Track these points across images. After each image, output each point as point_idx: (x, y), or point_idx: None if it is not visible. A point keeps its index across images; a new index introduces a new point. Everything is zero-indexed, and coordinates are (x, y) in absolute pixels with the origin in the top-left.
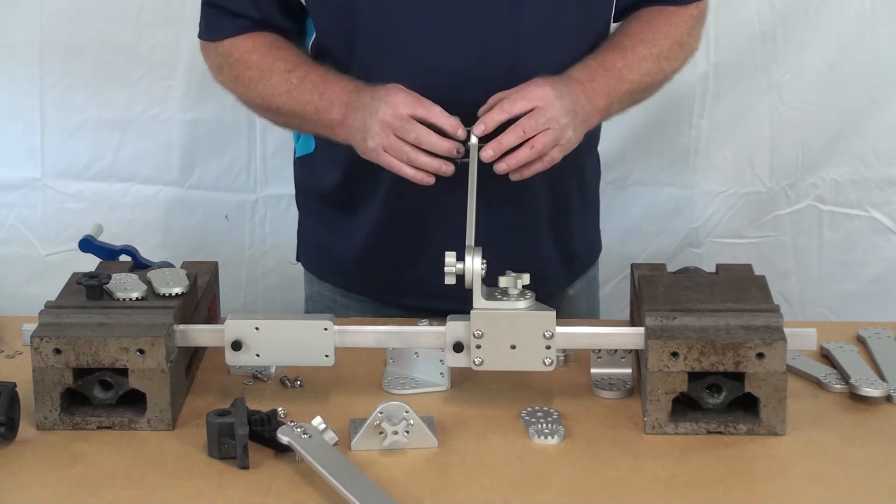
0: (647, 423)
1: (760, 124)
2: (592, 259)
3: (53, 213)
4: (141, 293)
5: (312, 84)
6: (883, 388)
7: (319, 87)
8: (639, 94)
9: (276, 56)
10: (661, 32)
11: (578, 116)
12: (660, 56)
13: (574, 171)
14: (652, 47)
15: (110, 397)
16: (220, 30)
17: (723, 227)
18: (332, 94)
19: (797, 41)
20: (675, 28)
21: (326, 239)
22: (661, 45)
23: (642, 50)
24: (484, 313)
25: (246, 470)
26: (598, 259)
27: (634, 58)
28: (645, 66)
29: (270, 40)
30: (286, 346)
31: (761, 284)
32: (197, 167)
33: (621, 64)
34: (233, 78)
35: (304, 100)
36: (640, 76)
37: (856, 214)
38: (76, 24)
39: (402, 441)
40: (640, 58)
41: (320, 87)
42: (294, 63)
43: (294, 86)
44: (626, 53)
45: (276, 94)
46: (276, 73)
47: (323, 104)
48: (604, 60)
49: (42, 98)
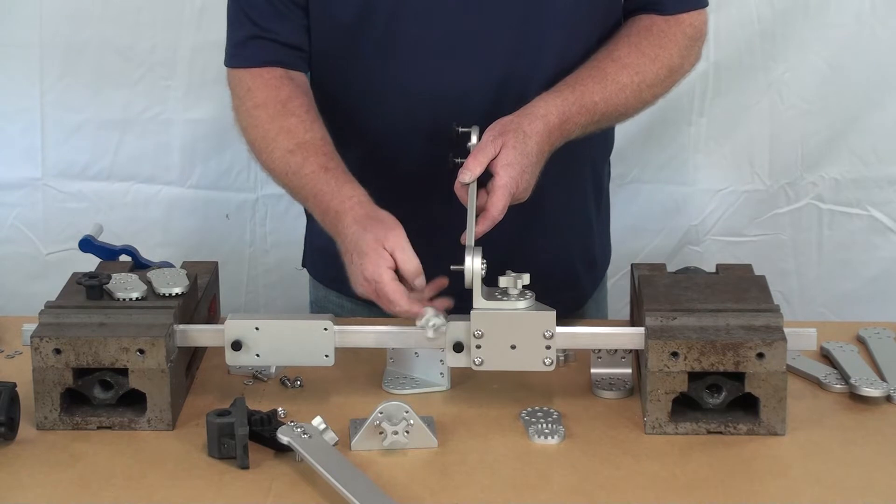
0: (647, 423)
1: (760, 123)
2: (606, 263)
3: (54, 213)
4: (141, 293)
5: (307, 179)
6: (883, 388)
7: (313, 187)
8: (607, 122)
9: (282, 126)
10: (647, 57)
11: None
12: (642, 84)
13: (593, 178)
14: (635, 75)
15: (110, 397)
16: (239, 57)
17: (722, 225)
18: (322, 204)
19: (797, 40)
20: (665, 51)
21: (333, 246)
22: (646, 73)
23: (624, 77)
24: (484, 313)
25: (246, 470)
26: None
27: (614, 87)
28: (623, 95)
29: (285, 95)
30: (286, 346)
31: (761, 284)
32: (197, 167)
33: (599, 98)
34: (242, 129)
35: (301, 192)
36: (614, 107)
37: (855, 213)
38: (76, 24)
39: (401, 441)
40: (620, 87)
41: (313, 187)
42: (296, 140)
43: (293, 171)
44: (607, 83)
45: (276, 172)
46: (279, 149)
47: (318, 210)
48: (582, 93)
49: (42, 98)
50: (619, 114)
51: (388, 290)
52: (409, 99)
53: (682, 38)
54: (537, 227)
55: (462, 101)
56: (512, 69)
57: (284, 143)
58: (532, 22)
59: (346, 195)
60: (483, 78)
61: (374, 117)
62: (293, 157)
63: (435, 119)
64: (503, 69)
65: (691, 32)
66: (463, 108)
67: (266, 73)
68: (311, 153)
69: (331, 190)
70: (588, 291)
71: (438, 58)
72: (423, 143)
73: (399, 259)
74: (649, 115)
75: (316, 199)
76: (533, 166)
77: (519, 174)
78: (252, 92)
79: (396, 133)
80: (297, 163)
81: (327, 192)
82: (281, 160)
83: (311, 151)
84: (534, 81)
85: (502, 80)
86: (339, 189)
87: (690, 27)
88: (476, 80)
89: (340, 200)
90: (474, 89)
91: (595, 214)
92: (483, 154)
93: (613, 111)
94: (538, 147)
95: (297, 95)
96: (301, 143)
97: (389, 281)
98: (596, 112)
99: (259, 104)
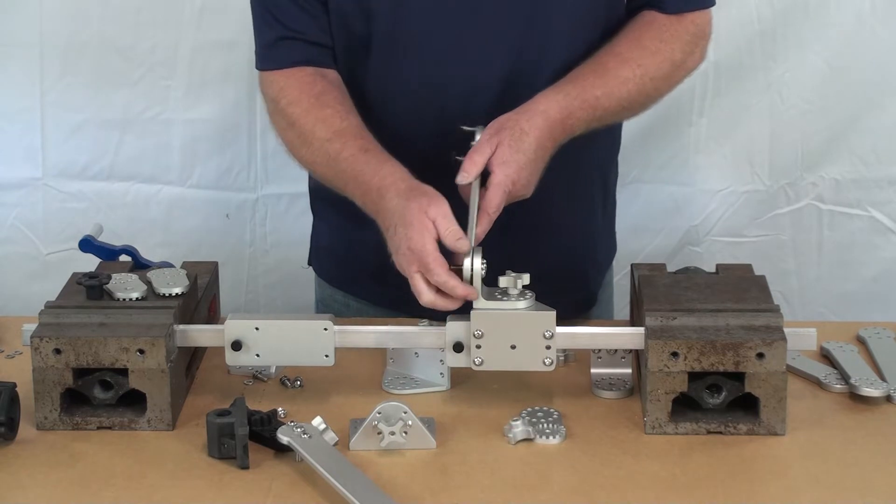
0: (647, 423)
1: (760, 123)
2: (610, 260)
3: (54, 213)
4: (141, 293)
5: (346, 163)
6: (883, 388)
7: (352, 170)
8: (611, 118)
9: (317, 116)
10: (648, 50)
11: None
12: (644, 77)
13: (601, 182)
14: (637, 68)
15: (110, 397)
16: (270, 59)
17: (722, 225)
18: (364, 185)
19: (797, 40)
20: (666, 45)
21: (339, 246)
22: (648, 66)
23: (625, 72)
24: (484, 313)
25: (246, 470)
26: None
27: (615, 82)
28: (625, 89)
29: (318, 90)
30: (286, 346)
31: (761, 284)
32: (197, 167)
33: (600, 92)
34: (279, 131)
35: (340, 178)
36: (617, 102)
37: (856, 214)
38: (76, 24)
39: (399, 441)
40: (622, 81)
41: (353, 169)
42: (333, 129)
43: (331, 158)
44: (608, 78)
45: (316, 164)
46: (317, 139)
47: (358, 192)
48: (583, 88)
49: (42, 98)
50: (623, 109)
51: (431, 260)
52: (416, 97)
53: (684, 34)
54: (544, 230)
55: (468, 98)
56: (517, 65)
57: (322, 134)
58: (536, 18)
59: (388, 172)
60: (488, 74)
61: (383, 115)
62: (332, 145)
63: (442, 117)
64: (508, 65)
65: (694, 30)
66: (469, 105)
67: (298, 72)
68: (349, 139)
69: (371, 169)
70: (595, 289)
71: (443, 56)
72: (431, 140)
73: (440, 226)
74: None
75: (357, 181)
76: (531, 163)
77: (516, 172)
78: (285, 90)
79: (404, 131)
80: (336, 149)
81: (368, 172)
82: (320, 150)
83: (349, 137)
84: (539, 77)
85: (508, 77)
86: (379, 167)
87: (693, 24)
88: (481, 76)
89: (382, 177)
90: (480, 86)
91: (601, 213)
92: (479, 154)
93: (617, 106)
94: (537, 143)
95: (330, 89)
96: (338, 131)
97: (433, 251)
98: (598, 107)
99: (293, 101)
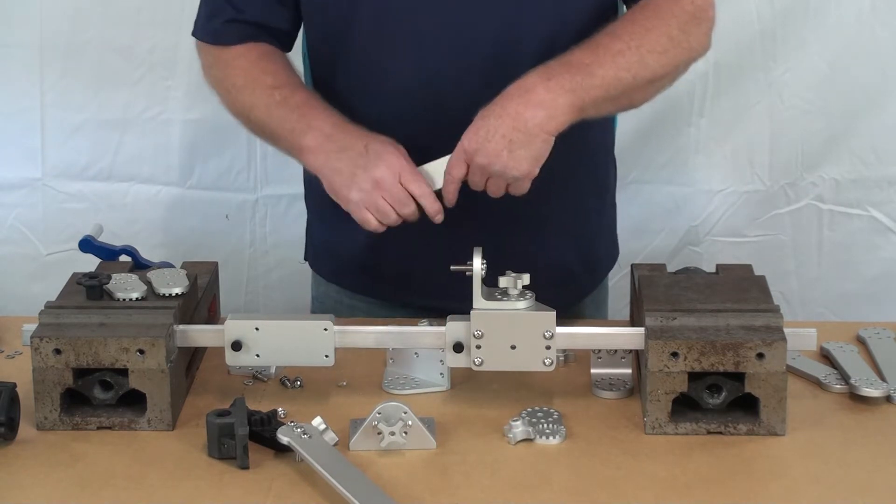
0: (647, 423)
1: (760, 123)
2: (611, 264)
3: (54, 213)
4: (141, 293)
5: (295, 104)
6: (883, 388)
7: (300, 109)
8: (619, 91)
9: (265, 69)
10: (642, 26)
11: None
12: (641, 48)
13: (588, 173)
14: (630, 40)
15: (110, 397)
16: (219, 34)
17: (722, 225)
18: (311, 120)
19: (797, 40)
20: (662, 21)
21: (333, 239)
22: (643, 38)
23: (617, 45)
24: (484, 313)
25: (246, 470)
26: (615, 263)
27: (606, 53)
28: (622, 60)
29: (264, 51)
30: (286, 346)
31: (761, 284)
32: (197, 167)
33: (589, 60)
34: (218, 80)
35: (281, 118)
36: (614, 70)
37: (856, 214)
38: (76, 24)
39: (399, 442)
40: (614, 53)
41: (301, 108)
42: (281, 81)
43: (276, 102)
44: (598, 51)
45: (255, 107)
46: (261, 86)
47: (299, 126)
48: (568, 60)
49: (42, 98)
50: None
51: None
52: (399, 89)
53: (679, 12)
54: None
55: (451, 88)
56: (499, 54)
57: (268, 81)
58: (518, 5)
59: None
60: (469, 65)
61: (367, 109)
62: (277, 92)
63: (425, 108)
64: (489, 55)
65: (692, 9)
66: (452, 96)
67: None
68: (296, 89)
69: (325, 113)
70: (585, 290)
71: (424, 47)
72: (415, 132)
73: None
74: (650, 116)
75: (302, 118)
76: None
77: (473, 131)
78: (230, 49)
79: (389, 123)
80: (283, 94)
81: (321, 112)
82: (263, 94)
83: (296, 88)
84: (522, 66)
85: (489, 67)
86: (334, 112)
87: (690, 4)
88: (462, 67)
89: (337, 118)
90: (461, 77)
91: (595, 210)
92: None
93: (613, 74)
94: (501, 99)
95: (275, 51)
96: (286, 81)
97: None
98: (592, 74)
99: (237, 55)
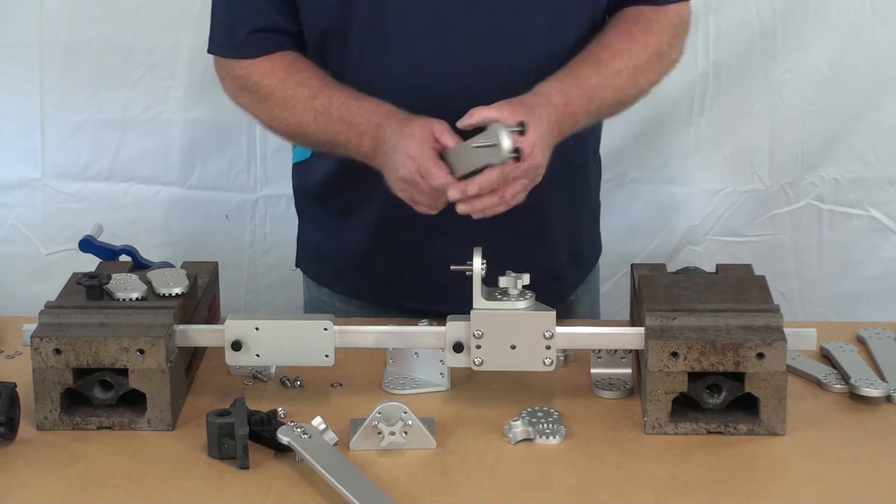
0: (647, 423)
1: (760, 123)
2: (594, 260)
3: (54, 213)
4: (141, 293)
5: (338, 112)
6: (883, 388)
7: (346, 116)
8: (608, 110)
9: (297, 80)
10: (639, 43)
11: (551, 148)
12: (636, 69)
13: (578, 173)
14: (628, 60)
15: (110, 397)
16: (242, 47)
17: (722, 225)
18: (359, 126)
19: (797, 40)
20: (655, 37)
21: (325, 244)
22: (639, 58)
23: (618, 63)
24: (484, 313)
25: (246, 470)
26: (598, 259)
27: (609, 73)
28: (619, 81)
29: (289, 61)
30: (286, 346)
31: (761, 284)
32: (197, 167)
33: (595, 81)
34: (254, 103)
35: (332, 129)
36: (612, 93)
37: (855, 214)
38: (76, 24)
39: (399, 442)
40: (615, 72)
41: (346, 115)
42: (316, 88)
43: (320, 113)
44: (601, 68)
45: (303, 123)
46: (300, 100)
47: (353, 135)
48: (578, 77)
49: (42, 98)
50: (617, 101)
51: (430, 165)
52: (397, 90)
53: (668, 26)
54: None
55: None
56: (498, 55)
57: (305, 93)
58: (517, 6)
59: (385, 109)
60: (469, 65)
61: None
62: (318, 101)
63: (421, 110)
64: (489, 56)
65: (677, 21)
66: (451, 97)
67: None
68: (334, 91)
69: (366, 110)
70: (572, 286)
71: (423, 48)
72: None
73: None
74: (649, 115)
75: (351, 126)
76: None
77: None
78: (255, 66)
79: None
80: (324, 104)
81: (363, 113)
82: (304, 109)
83: (334, 90)
84: (521, 67)
85: (489, 68)
86: (374, 107)
87: (676, 16)
88: (462, 67)
89: (380, 113)
90: (461, 77)
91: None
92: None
93: (611, 97)
94: (548, 121)
95: (300, 58)
96: (321, 87)
97: (433, 155)
98: (595, 97)
99: (266, 73)
